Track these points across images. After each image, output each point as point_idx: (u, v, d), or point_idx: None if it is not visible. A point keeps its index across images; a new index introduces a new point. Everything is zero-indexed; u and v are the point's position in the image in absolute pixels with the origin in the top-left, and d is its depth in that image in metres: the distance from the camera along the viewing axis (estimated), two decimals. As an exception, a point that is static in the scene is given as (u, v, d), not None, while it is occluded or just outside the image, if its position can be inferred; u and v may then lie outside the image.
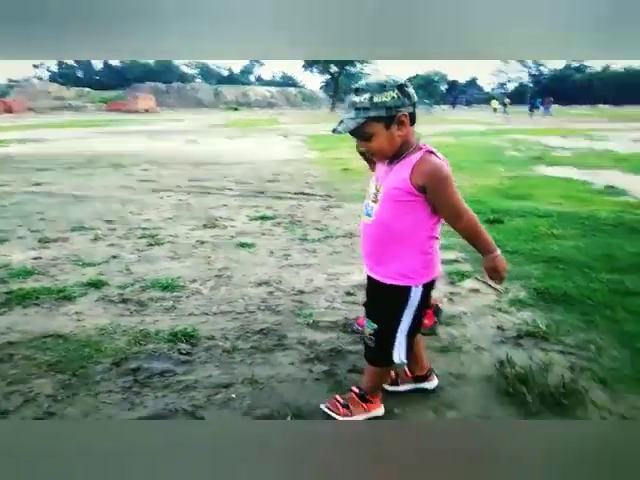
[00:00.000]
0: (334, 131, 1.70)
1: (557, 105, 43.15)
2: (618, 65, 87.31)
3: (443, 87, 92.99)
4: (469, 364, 2.31)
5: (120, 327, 2.74)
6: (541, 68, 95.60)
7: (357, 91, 1.66)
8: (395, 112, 1.64)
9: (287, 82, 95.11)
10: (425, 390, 2.12)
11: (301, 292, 3.21)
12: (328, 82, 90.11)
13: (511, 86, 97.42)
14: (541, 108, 34.08)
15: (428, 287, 1.84)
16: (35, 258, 3.95)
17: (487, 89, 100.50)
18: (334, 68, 52.24)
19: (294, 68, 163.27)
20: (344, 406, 1.96)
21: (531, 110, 33.94)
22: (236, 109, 56.25)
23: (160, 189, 7.06)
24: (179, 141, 15.32)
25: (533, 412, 1.91)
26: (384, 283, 1.80)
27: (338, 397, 2.01)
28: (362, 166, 2.19)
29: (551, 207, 5.41)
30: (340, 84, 55.72)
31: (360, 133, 1.69)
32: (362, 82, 1.70)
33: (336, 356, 2.41)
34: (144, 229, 4.83)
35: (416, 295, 1.79)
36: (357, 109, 1.65)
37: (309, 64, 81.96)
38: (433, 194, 1.67)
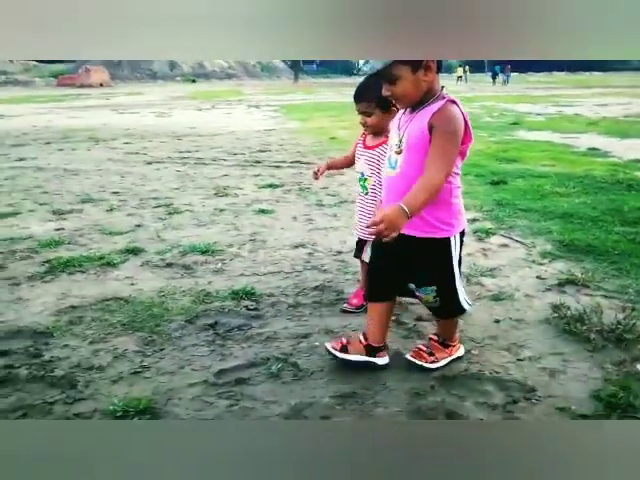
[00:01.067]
0: (358, 70, 1.65)
1: (515, 73, 43.94)
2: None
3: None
4: (524, 309, 2.50)
5: (177, 289, 2.80)
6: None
7: None
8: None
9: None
10: (374, 365, 1.98)
11: (339, 252, 3.33)
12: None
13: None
14: (501, 75, 34.67)
15: (462, 235, 1.85)
16: (58, 229, 3.91)
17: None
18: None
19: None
20: (429, 354, 1.98)
21: (493, 78, 34.51)
22: (194, 81, 54.56)
23: (153, 161, 6.97)
24: (147, 114, 14.91)
25: (599, 347, 2.12)
26: (422, 238, 1.77)
27: (421, 346, 2.02)
28: (348, 135, 2.30)
29: (545, 169, 5.68)
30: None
31: (386, 75, 1.65)
32: None
33: (398, 308, 2.55)
34: (155, 199, 4.82)
35: (456, 244, 1.81)
36: None
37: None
38: (433, 137, 1.64)
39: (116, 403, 1.81)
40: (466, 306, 1.93)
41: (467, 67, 39.15)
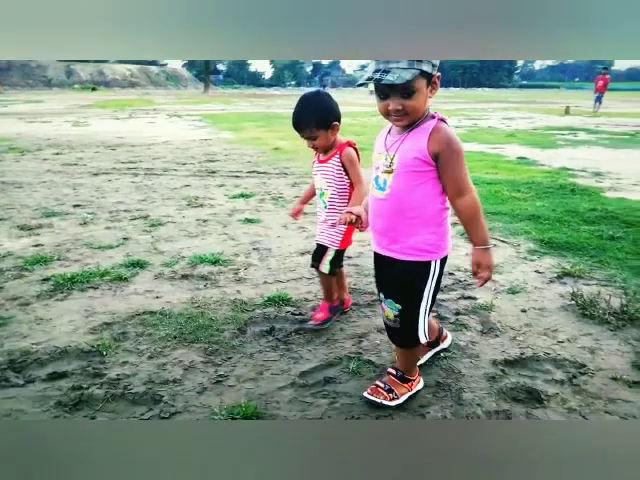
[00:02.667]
0: (379, 81, 1.51)
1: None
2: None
3: (308, 69, 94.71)
4: (540, 299, 2.79)
5: (208, 299, 2.77)
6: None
7: None
8: (434, 71, 1.58)
9: (146, 60, 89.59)
10: (440, 351, 2.22)
11: (349, 257, 3.45)
12: (190, 60, 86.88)
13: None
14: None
15: (443, 261, 1.77)
16: (36, 245, 3.66)
17: (349, 71, 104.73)
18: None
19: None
20: (388, 391, 1.88)
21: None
22: (94, 89, 51.75)
23: (99, 172, 6.63)
24: (61, 123, 14.00)
25: (619, 326, 2.44)
26: (404, 260, 1.72)
27: (379, 382, 1.93)
28: (289, 145, 2.50)
29: (490, 176, 6.19)
30: (210, 62, 53.99)
31: (406, 87, 1.54)
32: None
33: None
34: (127, 211, 4.64)
35: (436, 269, 1.73)
36: (410, 60, 1.51)
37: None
38: (444, 163, 1.59)
39: (217, 412, 1.81)
40: (422, 339, 1.81)
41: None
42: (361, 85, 1.63)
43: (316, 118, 2.22)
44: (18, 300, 2.76)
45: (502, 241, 3.74)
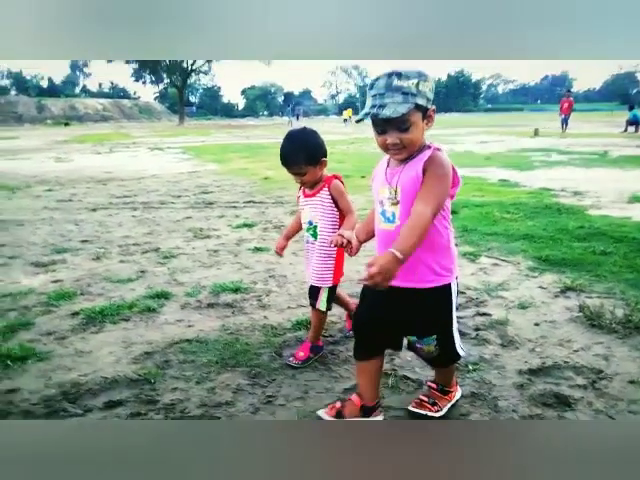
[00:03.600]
0: (376, 115, 1.56)
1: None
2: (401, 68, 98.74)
3: (280, 98, 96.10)
4: (549, 313, 3.00)
5: (239, 325, 2.90)
6: (365, 80, 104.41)
7: (400, 75, 1.57)
8: (430, 105, 1.62)
9: (118, 94, 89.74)
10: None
11: (361, 280, 3.63)
12: (163, 93, 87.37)
13: (341, 97, 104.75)
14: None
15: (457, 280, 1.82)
16: (55, 281, 3.73)
17: (320, 100, 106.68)
18: (179, 79, 50.84)
19: (122, 78, 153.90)
20: (432, 404, 2.01)
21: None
22: (67, 124, 51.55)
23: (97, 208, 6.71)
24: (43, 159, 13.99)
25: (627, 335, 2.66)
26: (425, 289, 1.74)
27: (422, 397, 2.05)
28: (278, 175, 2.72)
29: (477, 199, 6.48)
30: (183, 94, 54.34)
31: (401, 121, 1.58)
32: (399, 69, 1.60)
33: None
34: (136, 245, 4.74)
35: (454, 289, 1.78)
36: (405, 93, 1.55)
37: (139, 75, 78.58)
38: (425, 177, 1.62)
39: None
40: (461, 352, 1.90)
41: (349, 110, 41.90)
42: (360, 121, 1.68)
43: (305, 155, 2.30)
44: (54, 335, 2.84)
45: (503, 260, 3.97)
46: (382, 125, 1.63)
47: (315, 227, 2.41)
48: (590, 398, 2.12)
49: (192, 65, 50.14)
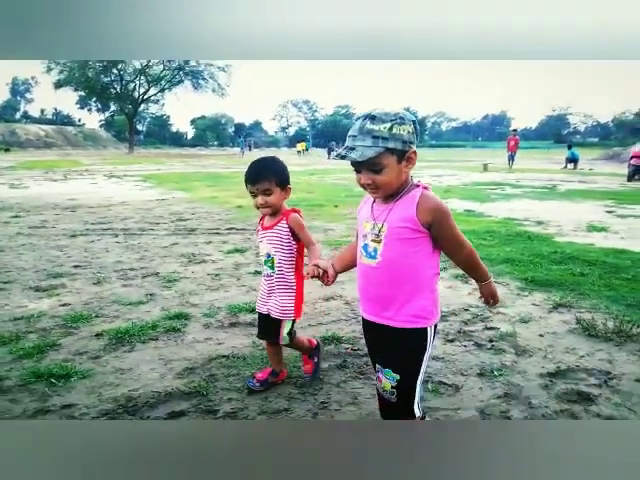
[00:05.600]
0: (343, 158, 1.60)
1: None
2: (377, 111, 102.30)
3: (230, 129, 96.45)
4: (549, 326, 3.31)
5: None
6: (315, 114, 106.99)
7: (373, 119, 1.59)
8: (408, 147, 1.62)
9: (62, 120, 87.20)
10: None
11: (368, 300, 3.85)
12: (109, 120, 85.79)
13: (292, 130, 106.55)
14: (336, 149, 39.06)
15: (436, 327, 1.76)
16: (63, 305, 3.72)
17: (271, 132, 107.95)
18: (129, 107, 50.15)
19: (66, 104, 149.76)
20: None
21: (329, 152, 38.49)
22: (7, 150, 49.47)
23: (75, 234, 6.61)
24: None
25: (622, 342, 2.99)
26: (400, 328, 1.70)
27: None
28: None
29: (451, 226, 6.88)
30: (133, 122, 53.54)
31: (373, 163, 1.60)
32: (376, 111, 1.62)
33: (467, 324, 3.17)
34: (132, 270, 4.75)
35: (431, 336, 1.73)
36: (375, 137, 1.57)
37: (85, 103, 76.93)
38: (438, 228, 1.64)
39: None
40: (418, 413, 1.76)
41: (303, 144, 42.85)
42: (333, 158, 1.83)
43: (276, 173, 2.31)
44: (86, 354, 2.87)
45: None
46: (356, 165, 1.66)
47: (272, 259, 2.37)
48: (607, 394, 2.42)
49: (144, 94, 49.66)
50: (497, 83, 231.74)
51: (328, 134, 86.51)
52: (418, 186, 1.67)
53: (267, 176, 2.29)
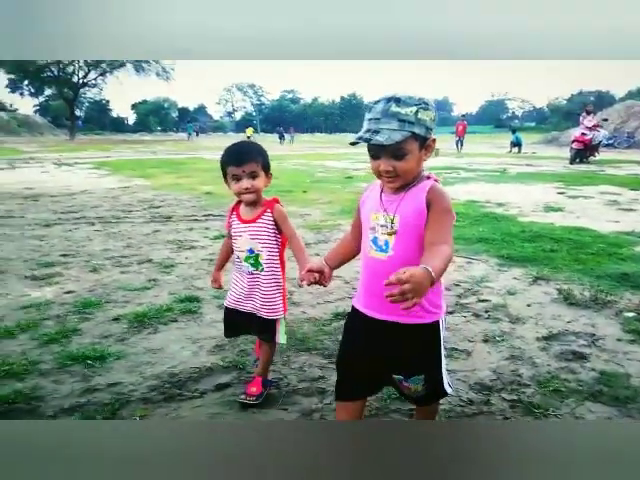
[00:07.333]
0: (367, 141, 1.50)
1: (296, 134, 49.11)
2: (322, 99, 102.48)
3: (174, 114, 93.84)
4: (534, 297, 3.67)
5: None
6: (262, 98, 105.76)
7: (398, 101, 1.51)
8: (429, 135, 1.56)
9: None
10: None
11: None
12: (44, 105, 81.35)
13: (238, 115, 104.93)
14: (286, 136, 39.07)
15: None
16: (68, 292, 3.75)
17: (216, 117, 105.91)
18: (69, 92, 47.76)
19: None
20: None
21: (281, 137, 38.44)
22: None
23: (50, 223, 6.48)
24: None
25: (598, 309, 3.39)
26: (410, 324, 1.63)
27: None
28: (217, 189, 3.07)
29: (420, 209, 7.24)
30: (57, 108, 50.99)
31: (397, 149, 1.51)
32: (400, 93, 1.54)
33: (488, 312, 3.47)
34: (125, 257, 4.78)
35: (442, 326, 1.70)
36: (401, 121, 1.50)
37: (16, 86, 72.58)
38: (432, 212, 1.54)
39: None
40: (449, 390, 1.77)
41: (250, 129, 42.52)
42: (354, 144, 1.56)
43: (262, 155, 2.17)
44: (111, 337, 2.95)
45: (474, 259, 4.65)
46: (376, 151, 1.56)
47: (257, 256, 2.19)
48: (597, 353, 2.77)
49: (84, 78, 47.46)
50: (440, 68, 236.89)
51: (274, 119, 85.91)
52: (429, 178, 1.62)
53: (254, 157, 2.12)
